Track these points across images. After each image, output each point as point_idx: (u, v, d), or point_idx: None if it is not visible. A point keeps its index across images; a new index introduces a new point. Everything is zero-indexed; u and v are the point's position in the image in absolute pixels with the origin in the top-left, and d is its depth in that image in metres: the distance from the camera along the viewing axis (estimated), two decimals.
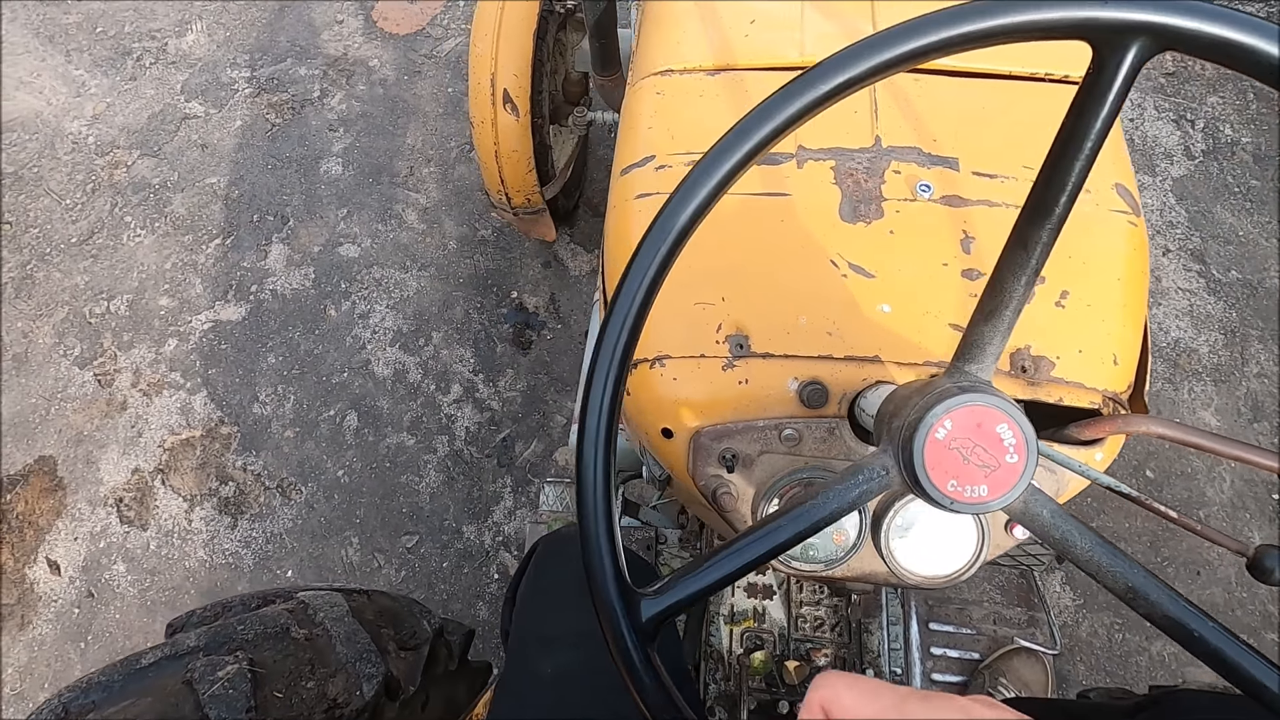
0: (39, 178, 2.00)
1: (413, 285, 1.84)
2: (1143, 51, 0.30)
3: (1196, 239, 1.95)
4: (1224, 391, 1.80)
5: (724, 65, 0.69)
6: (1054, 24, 0.29)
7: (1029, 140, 0.64)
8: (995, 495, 0.38)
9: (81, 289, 1.85)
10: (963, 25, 0.30)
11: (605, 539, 0.34)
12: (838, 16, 0.70)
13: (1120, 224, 0.60)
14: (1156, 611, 0.35)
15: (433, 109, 2.07)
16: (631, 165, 0.66)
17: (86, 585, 1.57)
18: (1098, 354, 0.57)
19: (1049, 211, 0.34)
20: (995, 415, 0.38)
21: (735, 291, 0.59)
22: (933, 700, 0.30)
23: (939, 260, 0.59)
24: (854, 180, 0.61)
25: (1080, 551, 0.38)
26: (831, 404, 0.57)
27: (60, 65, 2.16)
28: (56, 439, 1.69)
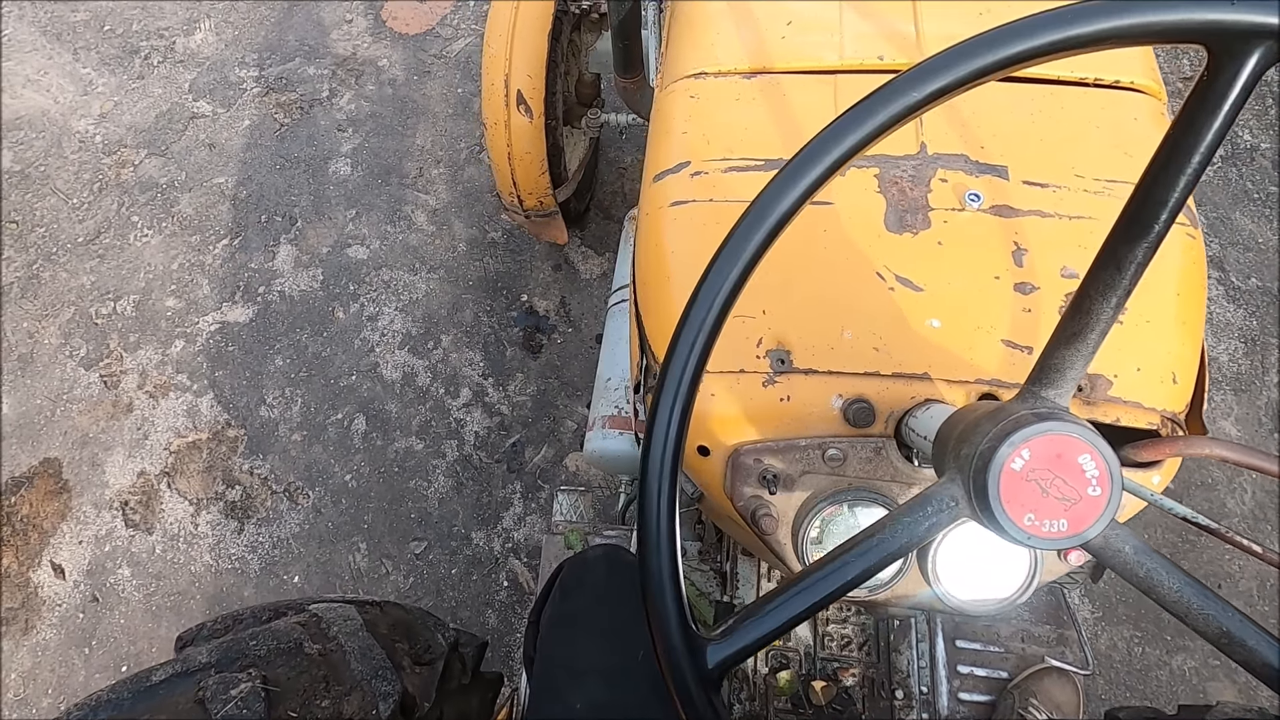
0: (45, 176, 1.98)
1: (422, 288, 1.82)
2: (1266, 58, 0.27)
3: (1215, 245, 1.92)
4: (1245, 401, 1.77)
5: (760, 68, 0.67)
6: (1175, 26, 0.27)
7: (1080, 148, 0.61)
8: (1076, 530, 0.36)
9: (88, 289, 1.83)
10: (1079, 26, 0.28)
11: (670, 583, 0.32)
12: (878, 18, 0.67)
13: (1178, 236, 0.58)
14: (1255, 659, 0.33)
15: (442, 109, 2.05)
16: (665, 171, 0.63)
17: (91, 589, 1.55)
18: (1156, 372, 0.54)
19: (1147, 229, 0.32)
20: (1078, 445, 0.35)
21: (776, 304, 0.57)
22: None
23: (990, 273, 0.56)
24: (899, 189, 0.59)
25: (1168, 591, 0.35)
26: (878, 423, 0.55)
27: (68, 63, 2.14)
28: (62, 441, 1.67)
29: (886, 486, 0.55)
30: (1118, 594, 1.58)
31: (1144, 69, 0.66)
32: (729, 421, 0.56)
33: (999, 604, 0.55)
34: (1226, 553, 1.62)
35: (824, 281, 0.57)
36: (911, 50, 0.66)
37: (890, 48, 0.66)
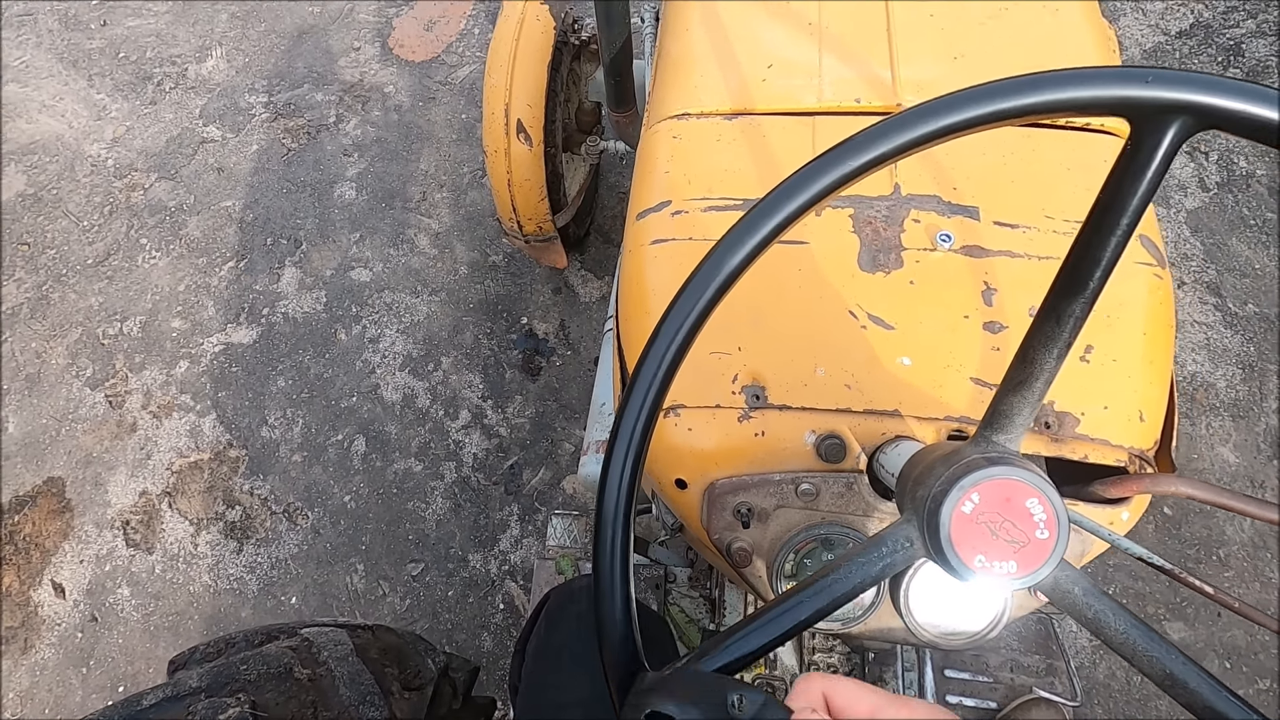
0: (58, 199, 2.02)
1: (423, 310, 1.84)
2: (1183, 130, 0.29)
3: (1212, 271, 1.93)
4: (1243, 427, 1.77)
5: (741, 109, 0.69)
6: (1094, 101, 0.29)
7: (1051, 189, 0.63)
8: (1025, 572, 0.37)
9: (96, 310, 1.86)
10: (1003, 101, 0.30)
11: (622, 617, 0.33)
12: (856, 62, 0.70)
13: (1145, 276, 0.59)
14: (1197, 701, 0.34)
15: (446, 135, 2.09)
16: (647, 210, 0.65)
17: (90, 609, 1.56)
18: (1123, 410, 0.56)
19: (1083, 286, 0.33)
20: (1025, 489, 0.36)
21: (752, 341, 0.58)
22: (909, 704, 0.33)
23: (960, 312, 0.58)
24: (873, 229, 0.61)
25: (1114, 633, 0.36)
26: (850, 458, 0.56)
27: (83, 89, 2.19)
28: (66, 460, 1.70)
29: (859, 521, 0.56)
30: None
31: None
32: (706, 455, 0.58)
33: (970, 639, 0.56)
34: (1226, 581, 1.61)
35: (798, 319, 0.59)
36: (887, 94, 0.68)
37: (867, 91, 0.68)
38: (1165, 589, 1.60)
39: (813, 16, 0.74)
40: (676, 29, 0.77)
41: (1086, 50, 0.70)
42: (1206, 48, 2.22)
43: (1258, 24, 2.25)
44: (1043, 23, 0.72)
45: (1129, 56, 2.21)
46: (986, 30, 0.71)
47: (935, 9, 0.73)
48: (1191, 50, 2.21)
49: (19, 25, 2.33)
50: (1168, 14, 2.29)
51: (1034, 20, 0.72)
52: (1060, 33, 0.71)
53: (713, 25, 0.74)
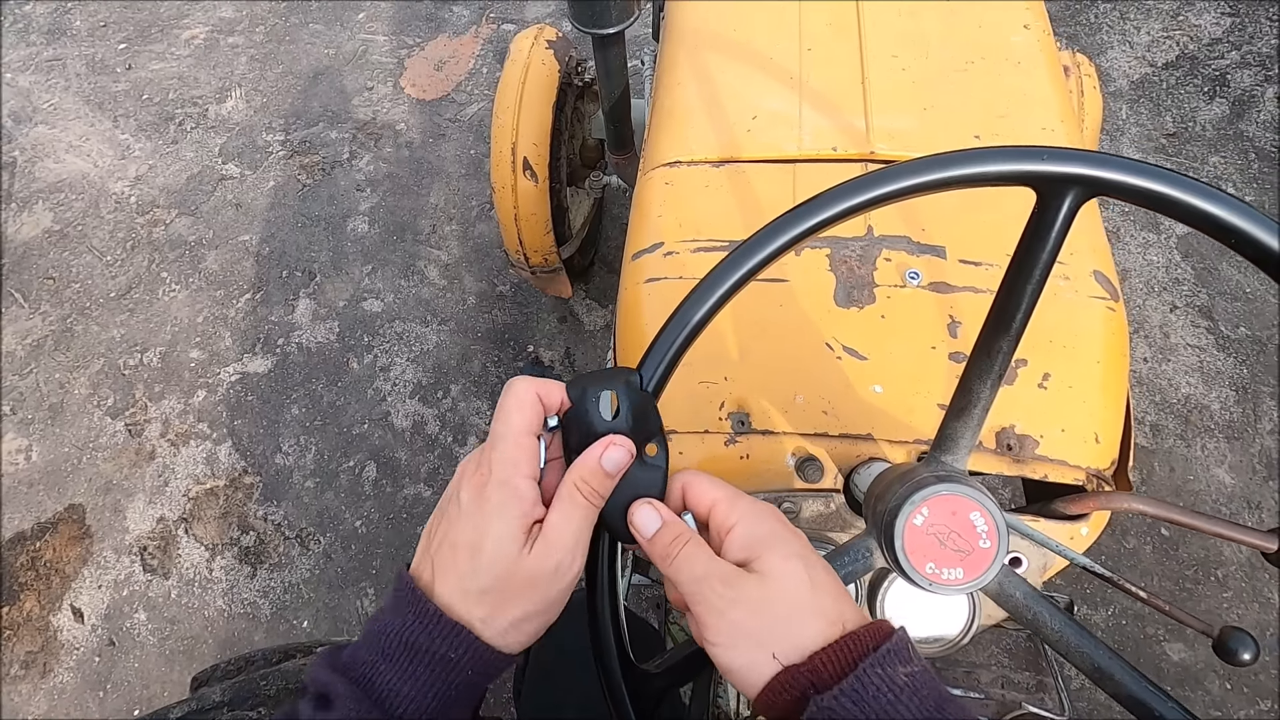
0: (83, 235, 2.11)
1: (433, 339, 1.90)
2: (1078, 197, 0.34)
3: (1204, 295, 1.97)
4: (1238, 449, 1.79)
5: (728, 157, 0.75)
6: (1003, 175, 0.34)
7: (1010, 230, 0.68)
8: (970, 578, 0.41)
9: (117, 341, 1.93)
10: (925, 174, 0.35)
11: (610, 624, 0.38)
12: (833, 113, 0.76)
13: (1099, 309, 0.64)
14: (1121, 691, 0.38)
15: (455, 170, 2.17)
16: (642, 251, 0.71)
17: (108, 633, 1.60)
18: (1080, 433, 0.60)
19: (1008, 326, 0.38)
20: (968, 504, 0.41)
21: (737, 371, 0.63)
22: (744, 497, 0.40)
23: (927, 344, 0.63)
24: (848, 267, 0.66)
25: (1050, 632, 0.41)
26: (827, 478, 0.60)
27: (108, 130, 2.30)
28: (87, 487, 1.75)
29: (836, 536, 0.60)
30: (1115, 641, 1.59)
31: None
32: None
33: (945, 646, 0.60)
34: (1225, 601, 1.63)
35: (780, 351, 0.64)
36: (862, 142, 0.74)
37: (843, 139, 0.74)
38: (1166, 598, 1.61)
39: (794, 70, 0.80)
40: (669, 82, 0.83)
41: (1049, 102, 0.76)
42: (1193, 78, 2.28)
43: (1242, 55, 2.32)
44: (1007, 77, 0.78)
45: (1117, 88, 2.28)
46: (954, 83, 0.77)
47: (907, 63, 0.79)
48: (1178, 81, 2.28)
49: (49, 70, 2.44)
50: (1154, 46, 2.36)
51: (999, 74, 0.78)
52: (1022, 85, 0.77)
53: (702, 79, 0.81)
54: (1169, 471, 1.74)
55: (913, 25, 0.83)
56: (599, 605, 0.39)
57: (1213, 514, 0.48)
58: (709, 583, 0.37)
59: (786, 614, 0.36)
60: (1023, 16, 0.84)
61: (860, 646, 0.35)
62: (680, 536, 0.39)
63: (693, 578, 0.38)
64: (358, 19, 2.50)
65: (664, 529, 0.40)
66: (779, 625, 0.36)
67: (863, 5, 0.85)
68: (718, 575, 0.37)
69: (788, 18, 0.85)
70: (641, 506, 0.40)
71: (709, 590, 0.37)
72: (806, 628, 0.36)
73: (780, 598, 0.36)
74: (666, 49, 0.88)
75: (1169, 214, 0.34)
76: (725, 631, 0.36)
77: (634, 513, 0.40)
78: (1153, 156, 2.16)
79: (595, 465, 0.39)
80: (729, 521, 0.39)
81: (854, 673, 0.33)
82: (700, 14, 0.89)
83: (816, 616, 0.36)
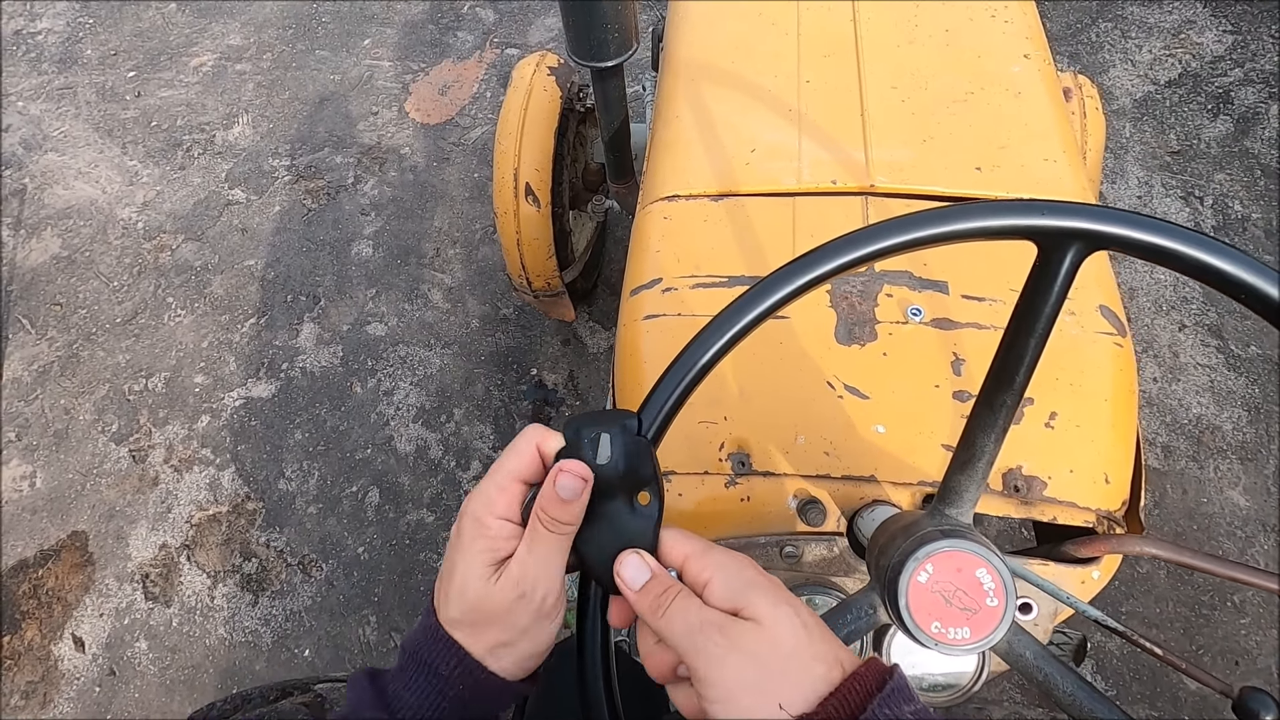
0: (90, 261, 2.12)
1: (436, 363, 1.90)
2: (1080, 252, 0.33)
3: (1213, 314, 1.95)
4: (1251, 470, 1.77)
5: (727, 190, 0.74)
6: (1009, 229, 0.33)
7: (1013, 264, 0.67)
8: (977, 638, 0.40)
9: (123, 367, 1.94)
10: (931, 228, 0.34)
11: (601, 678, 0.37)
12: (832, 146, 0.75)
13: (1106, 345, 0.63)
14: None
15: (459, 193, 2.18)
16: (640, 287, 0.70)
17: (109, 663, 1.59)
18: (1089, 473, 0.59)
19: (1011, 380, 0.37)
20: (973, 560, 0.40)
21: (737, 411, 0.62)
22: (714, 548, 0.40)
23: (931, 382, 0.62)
24: (849, 303, 0.65)
25: (1062, 695, 0.39)
26: (830, 521, 0.59)
27: (117, 156, 2.32)
28: (90, 514, 1.75)
29: (840, 581, 0.59)
30: (1131, 671, 1.56)
31: (1075, 188, 0.73)
32: (694, 520, 0.61)
33: (953, 694, 0.59)
34: (1242, 629, 1.59)
35: (780, 390, 0.63)
36: (861, 175, 0.73)
37: (843, 173, 0.73)
38: (1180, 637, 1.58)
39: (793, 102, 0.80)
40: (667, 115, 0.83)
41: (1051, 133, 0.75)
42: (1196, 96, 2.28)
43: (1245, 73, 2.31)
44: (1007, 107, 0.77)
45: (1120, 106, 2.28)
46: (954, 114, 0.77)
47: (907, 94, 0.79)
48: (1181, 99, 2.28)
49: (60, 98, 2.48)
50: (1156, 64, 2.36)
51: (1000, 105, 0.77)
52: (1023, 116, 0.76)
53: (700, 111, 0.81)
54: (1181, 494, 1.71)
55: (911, 56, 0.82)
56: (587, 660, 0.37)
57: (1225, 557, 0.47)
58: (705, 632, 0.36)
59: (786, 660, 0.35)
60: (1023, 46, 0.83)
61: (864, 688, 0.34)
62: (671, 588, 0.38)
63: (687, 629, 0.37)
64: (363, 45, 2.52)
65: (653, 581, 0.39)
66: (781, 673, 0.35)
67: (861, 36, 0.85)
68: (714, 624, 0.36)
69: (785, 49, 0.85)
70: (628, 557, 0.39)
71: (705, 640, 0.36)
72: (808, 673, 0.35)
73: (778, 644, 0.35)
74: (665, 81, 0.88)
75: (1175, 268, 0.33)
76: (726, 685, 0.35)
77: (621, 564, 0.39)
78: (1157, 174, 2.15)
79: (551, 493, 0.39)
80: (704, 575, 0.38)
81: (863, 715, 0.32)
82: (698, 46, 0.89)
83: (816, 661, 0.35)
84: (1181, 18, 2.43)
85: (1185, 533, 1.68)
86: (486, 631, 0.40)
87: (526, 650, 0.41)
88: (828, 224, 0.71)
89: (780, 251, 0.69)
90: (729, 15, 0.90)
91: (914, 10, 0.86)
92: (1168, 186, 2.15)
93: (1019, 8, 0.87)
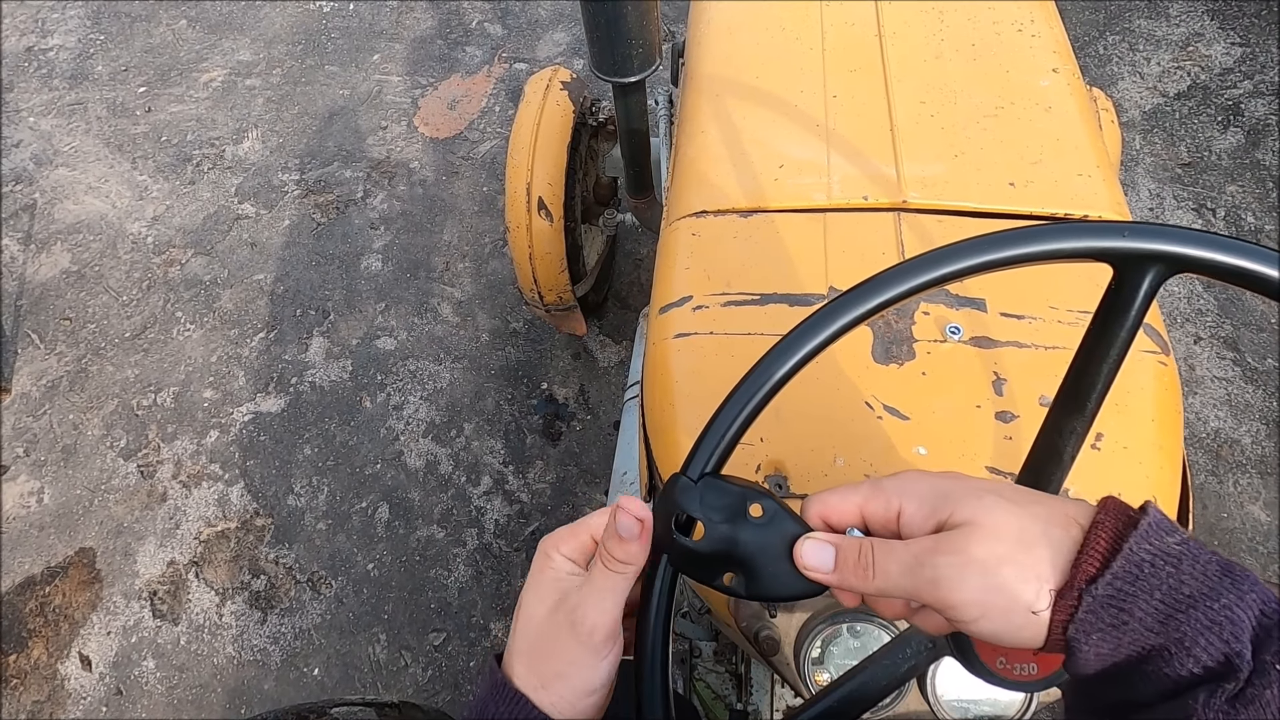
0: (100, 276, 2.12)
1: (446, 377, 1.89)
2: (1159, 275, 0.32)
3: (1228, 326, 1.94)
4: (1271, 485, 1.75)
5: (756, 207, 0.73)
6: (1086, 251, 0.32)
7: (1053, 280, 0.66)
8: (1046, 673, 0.38)
9: (131, 382, 1.93)
10: (1005, 250, 0.33)
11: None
12: (862, 161, 0.74)
13: (1150, 364, 0.62)
14: None
15: (469, 207, 2.18)
16: (670, 305, 0.69)
17: (116, 682, 1.57)
18: (1136, 496, 0.57)
19: (1083, 407, 0.36)
20: None
21: (773, 431, 0.61)
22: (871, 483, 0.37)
23: (972, 402, 0.60)
24: (885, 322, 0.64)
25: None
26: None
27: (127, 171, 2.32)
28: (98, 531, 1.73)
29: None
30: None
31: (1110, 203, 0.72)
32: None
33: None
34: None
35: (817, 410, 0.61)
36: (893, 191, 0.72)
37: (874, 188, 0.72)
38: None
39: (820, 117, 0.79)
40: (691, 130, 0.82)
41: (1082, 148, 0.74)
42: (1205, 108, 2.28)
43: (1254, 85, 2.31)
44: (1038, 121, 0.76)
45: (1129, 118, 2.28)
46: (985, 129, 0.76)
47: (936, 109, 0.78)
48: (1191, 111, 2.28)
49: (71, 113, 2.48)
50: (1165, 77, 2.36)
51: (1030, 119, 0.76)
52: (1054, 130, 0.75)
53: (726, 127, 0.80)
54: (1202, 509, 1.69)
55: (939, 71, 0.82)
56: (646, 687, 0.36)
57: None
58: (926, 563, 0.33)
59: (1018, 543, 0.32)
60: (1050, 60, 0.83)
61: (1110, 532, 0.31)
62: (864, 547, 0.35)
63: (905, 572, 0.34)
64: (372, 60, 2.53)
65: (842, 551, 0.36)
66: (1021, 559, 0.32)
67: (887, 51, 0.84)
68: (929, 550, 0.33)
69: (810, 64, 0.84)
70: (804, 543, 0.36)
71: (932, 570, 0.33)
72: (1048, 542, 0.32)
73: (1002, 533, 0.32)
74: (688, 96, 0.87)
75: (1258, 291, 0.31)
76: (974, 600, 0.32)
77: (800, 554, 0.36)
78: (1169, 186, 2.14)
79: (611, 530, 0.39)
80: (892, 507, 0.35)
81: (1120, 554, 0.30)
82: (721, 61, 0.88)
83: (1051, 525, 0.32)
84: (1189, 30, 2.43)
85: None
86: (544, 663, 0.41)
87: (578, 685, 0.40)
88: (860, 240, 0.70)
89: (812, 268, 0.68)
90: (751, 29, 0.90)
91: (940, 24, 0.86)
92: (1179, 199, 2.14)
93: (1045, 21, 0.86)
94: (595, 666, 0.40)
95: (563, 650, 0.40)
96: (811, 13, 0.88)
